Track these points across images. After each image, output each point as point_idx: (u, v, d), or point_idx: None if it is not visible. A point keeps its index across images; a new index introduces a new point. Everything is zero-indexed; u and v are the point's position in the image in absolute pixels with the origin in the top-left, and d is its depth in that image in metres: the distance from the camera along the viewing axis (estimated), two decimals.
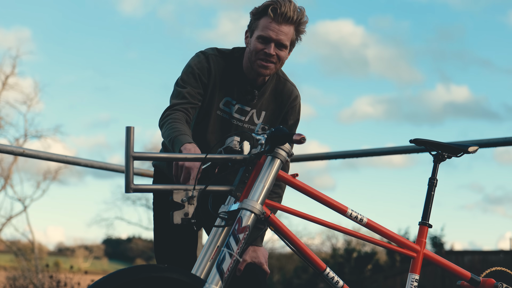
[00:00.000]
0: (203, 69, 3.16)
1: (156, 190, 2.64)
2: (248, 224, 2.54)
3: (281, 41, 3.07)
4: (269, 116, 3.26)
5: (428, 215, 3.06)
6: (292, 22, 3.07)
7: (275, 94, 3.26)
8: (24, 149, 4.59)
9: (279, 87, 3.27)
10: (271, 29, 3.05)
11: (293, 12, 3.04)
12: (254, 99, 3.20)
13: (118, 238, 46.25)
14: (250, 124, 3.23)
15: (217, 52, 3.22)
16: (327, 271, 2.81)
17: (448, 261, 3.04)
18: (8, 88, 24.85)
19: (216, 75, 3.18)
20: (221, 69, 3.19)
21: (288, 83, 3.30)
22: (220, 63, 3.20)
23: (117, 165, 5.23)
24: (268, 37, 3.06)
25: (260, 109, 3.24)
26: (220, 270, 2.47)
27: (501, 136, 4.57)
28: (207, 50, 3.22)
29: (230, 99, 3.20)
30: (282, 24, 3.05)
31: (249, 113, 3.23)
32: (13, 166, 25.28)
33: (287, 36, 3.08)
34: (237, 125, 3.22)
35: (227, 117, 3.21)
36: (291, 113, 3.30)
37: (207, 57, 3.19)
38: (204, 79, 3.16)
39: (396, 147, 5.05)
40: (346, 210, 2.84)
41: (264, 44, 3.08)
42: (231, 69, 3.20)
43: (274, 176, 2.64)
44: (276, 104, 3.27)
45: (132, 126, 2.49)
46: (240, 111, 3.22)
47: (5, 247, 29.21)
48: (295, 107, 3.31)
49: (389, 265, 26.05)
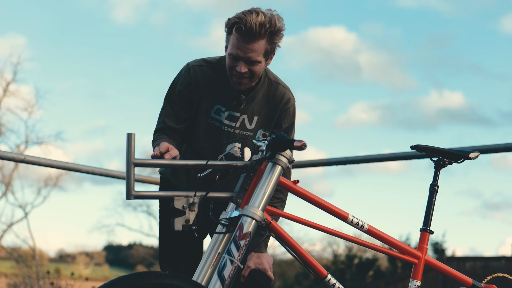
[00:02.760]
0: (185, 83, 3.19)
1: (157, 196, 2.64)
2: (249, 231, 2.54)
3: (250, 58, 3.02)
4: (262, 120, 3.24)
5: (429, 221, 3.05)
6: (260, 37, 2.99)
7: (267, 98, 3.24)
8: (25, 156, 4.59)
9: (271, 91, 3.24)
10: (238, 47, 3.01)
11: (260, 27, 2.95)
12: (241, 104, 3.18)
13: (119, 244, 46.22)
14: (242, 129, 3.22)
15: (203, 62, 3.22)
16: (328, 277, 2.81)
17: (450, 268, 3.04)
18: (9, 95, 24.88)
19: (200, 85, 3.18)
20: (207, 78, 3.19)
21: (280, 86, 3.26)
22: (206, 72, 3.20)
23: (118, 172, 5.23)
24: (237, 56, 3.03)
25: (251, 114, 3.22)
26: (221, 276, 2.47)
27: (501, 142, 4.56)
28: (191, 62, 3.24)
29: (220, 106, 3.20)
30: (249, 42, 2.99)
31: (239, 118, 3.21)
32: (14, 172, 25.29)
33: (256, 52, 3.01)
34: (228, 132, 3.21)
35: (218, 124, 3.21)
36: (285, 116, 3.27)
37: (189, 69, 3.20)
38: (186, 92, 3.18)
39: (397, 153, 5.05)
40: (347, 216, 2.84)
41: (234, 61, 3.05)
42: (218, 77, 3.19)
43: (275, 183, 2.64)
44: (268, 108, 3.24)
45: (133, 133, 2.49)
46: (229, 117, 3.21)
47: (6, 254, 29.19)
48: (288, 110, 3.27)
49: (391, 272, 26.02)
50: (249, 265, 3.10)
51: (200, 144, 3.23)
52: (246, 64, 3.04)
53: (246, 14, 2.97)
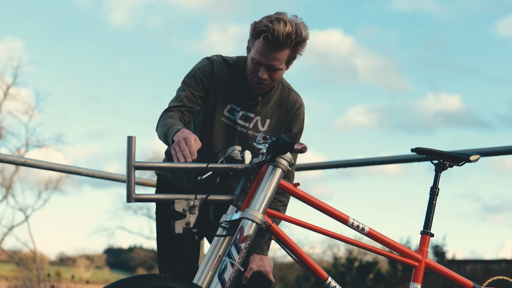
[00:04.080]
0: (205, 73, 3.19)
1: (157, 199, 2.64)
2: (250, 234, 2.54)
3: (273, 66, 3.05)
4: (274, 124, 3.27)
5: (430, 224, 3.05)
6: (286, 47, 3.01)
7: (280, 102, 3.27)
8: (25, 159, 4.59)
9: (284, 96, 3.28)
10: (263, 55, 3.03)
11: (286, 38, 2.97)
12: (258, 105, 3.21)
13: (119, 247, 46.24)
14: (255, 131, 3.24)
15: (222, 59, 3.25)
16: (328, 280, 2.81)
17: (450, 270, 3.04)
18: (10, 98, 24.90)
19: (219, 81, 3.20)
20: (225, 76, 3.21)
21: (292, 92, 3.31)
22: (224, 70, 3.22)
23: (118, 175, 5.23)
24: (260, 62, 3.05)
25: (265, 116, 3.25)
26: (222, 279, 2.47)
27: (501, 145, 4.56)
28: (212, 56, 3.25)
29: (235, 106, 3.22)
30: (274, 51, 3.01)
31: (254, 119, 3.24)
32: (14, 175, 25.29)
33: (280, 61, 3.04)
34: (241, 132, 3.23)
35: (231, 123, 3.23)
36: (296, 121, 3.31)
37: (211, 63, 3.22)
38: (206, 83, 3.19)
39: (397, 156, 5.05)
40: (347, 219, 2.84)
41: (257, 66, 3.08)
42: (235, 77, 3.21)
43: (275, 186, 2.64)
44: (281, 112, 3.28)
45: (133, 135, 2.49)
46: (244, 117, 3.23)
47: (7, 257, 29.19)
48: (299, 115, 3.32)
49: (391, 274, 26.02)
50: (252, 267, 3.11)
51: (212, 141, 3.24)
52: (268, 71, 3.07)
53: (273, 22, 2.97)
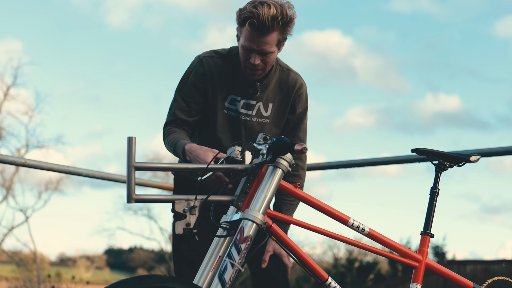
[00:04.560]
0: (197, 74, 3.21)
1: (157, 200, 2.64)
2: (250, 234, 2.54)
3: (264, 50, 3.05)
4: (277, 107, 3.28)
5: (430, 224, 3.05)
6: (273, 30, 3.01)
7: (280, 84, 3.27)
8: (25, 160, 4.59)
9: (283, 77, 3.28)
10: (251, 41, 3.03)
11: (272, 21, 2.96)
12: (257, 92, 3.21)
13: (119, 248, 46.22)
14: (258, 117, 3.25)
15: (214, 53, 3.25)
16: (329, 281, 2.81)
17: (450, 271, 3.03)
18: (10, 99, 24.90)
19: (214, 76, 3.21)
20: (219, 69, 3.22)
21: (292, 73, 3.31)
22: (218, 63, 3.23)
23: (118, 175, 5.23)
24: (250, 48, 3.06)
25: (266, 101, 3.25)
26: (222, 280, 2.47)
27: (501, 146, 4.56)
28: (202, 54, 3.27)
29: (235, 96, 3.23)
30: (262, 35, 3.01)
31: (255, 106, 3.24)
32: (14, 176, 25.30)
33: (270, 44, 3.04)
34: (245, 120, 3.24)
35: (234, 114, 3.24)
36: (299, 101, 3.31)
37: (201, 60, 3.23)
38: (200, 84, 3.21)
39: (397, 157, 5.05)
40: (347, 220, 2.84)
41: (248, 53, 3.08)
42: (230, 67, 3.23)
43: (275, 186, 2.64)
44: (283, 94, 3.28)
45: (134, 136, 2.49)
46: (246, 106, 3.24)
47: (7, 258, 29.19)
48: (301, 95, 3.31)
49: (391, 275, 26.01)
50: (268, 250, 3.20)
51: (217, 135, 3.25)
52: (260, 56, 3.07)
53: (257, 7, 2.97)
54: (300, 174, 3.36)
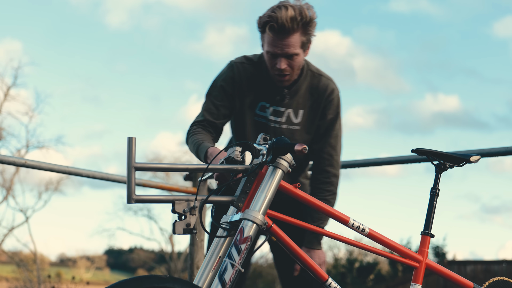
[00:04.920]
0: (227, 79, 3.23)
1: (157, 200, 2.64)
2: (250, 235, 2.54)
3: (288, 53, 3.04)
4: (308, 113, 3.24)
5: (430, 225, 3.05)
6: (294, 31, 3.01)
7: (311, 90, 3.24)
8: (26, 160, 4.58)
9: (314, 83, 3.25)
10: (274, 45, 3.03)
11: (291, 22, 2.97)
12: (285, 99, 3.20)
13: (120, 248, 46.25)
14: (288, 124, 3.24)
15: (245, 59, 3.26)
16: (329, 281, 2.80)
17: (451, 271, 3.03)
18: (10, 99, 24.91)
19: (243, 83, 3.22)
20: (249, 75, 3.22)
21: (323, 78, 3.27)
22: (248, 69, 3.23)
23: (118, 176, 5.23)
24: (274, 53, 3.05)
25: (297, 107, 3.23)
26: (222, 280, 2.47)
27: (501, 146, 4.56)
28: (234, 59, 3.29)
29: (264, 103, 3.22)
30: (284, 38, 3.00)
31: (285, 113, 3.23)
32: (15, 177, 25.31)
33: (293, 46, 3.03)
34: (275, 127, 3.23)
35: (264, 121, 3.24)
36: (329, 107, 3.26)
37: (231, 66, 3.25)
38: (229, 88, 3.22)
39: (397, 157, 5.05)
40: (348, 220, 2.84)
41: (273, 58, 3.08)
42: (260, 74, 3.22)
43: (275, 187, 2.63)
44: (313, 100, 3.24)
45: (134, 137, 2.49)
46: (275, 113, 3.23)
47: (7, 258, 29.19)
48: (332, 100, 3.26)
49: (391, 275, 26.02)
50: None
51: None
52: (286, 59, 3.06)
53: (275, 11, 2.98)
54: (332, 181, 3.31)
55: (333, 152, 3.27)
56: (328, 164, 3.27)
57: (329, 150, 3.23)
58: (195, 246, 5.49)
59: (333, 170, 3.30)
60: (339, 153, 3.31)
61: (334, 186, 3.30)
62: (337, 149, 3.28)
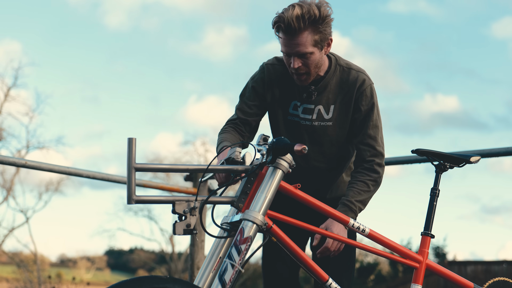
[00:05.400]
0: (258, 80, 3.26)
1: (157, 201, 2.64)
2: (250, 235, 2.54)
3: (299, 52, 3.01)
4: (339, 108, 3.20)
5: (431, 225, 3.05)
6: (301, 30, 2.97)
7: (341, 84, 3.20)
8: (26, 161, 4.59)
9: (344, 77, 3.21)
10: (286, 45, 3.02)
11: (297, 21, 2.93)
12: (312, 96, 3.19)
13: (120, 249, 46.21)
14: (320, 120, 3.21)
15: (276, 60, 3.27)
16: (329, 281, 2.81)
17: (451, 272, 3.03)
18: (10, 100, 24.91)
19: (273, 82, 3.24)
20: (279, 75, 3.23)
21: (353, 71, 3.22)
22: (278, 70, 3.24)
23: (119, 176, 5.23)
24: (287, 53, 3.05)
25: (327, 103, 3.20)
26: (222, 281, 2.47)
27: (502, 146, 4.56)
28: (266, 61, 3.31)
29: (296, 101, 3.23)
30: (292, 37, 2.99)
31: (315, 110, 3.21)
32: (15, 177, 25.30)
33: (304, 45, 3.00)
34: (306, 125, 3.22)
35: (296, 119, 3.24)
36: (362, 99, 3.18)
37: (262, 68, 3.28)
38: (260, 89, 3.26)
39: (398, 157, 5.05)
40: (348, 220, 2.84)
41: (288, 58, 3.08)
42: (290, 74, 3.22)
43: (275, 187, 2.64)
44: (343, 94, 3.20)
45: (134, 137, 2.49)
46: (305, 110, 3.22)
47: (8, 259, 29.19)
48: (364, 91, 3.18)
49: (392, 276, 26.02)
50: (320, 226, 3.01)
51: None
52: (299, 58, 3.04)
53: (284, 11, 2.98)
54: (375, 169, 3.16)
55: (374, 143, 3.16)
56: (370, 155, 3.16)
57: (369, 141, 3.15)
58: (195, 246, 5.50)
59: (376, 159, 3.16)
60: (381, 145, 3.19)
61: (376, 173, 3.16)
62: (378, 140, 3.18)
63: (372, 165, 3.15)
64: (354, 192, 3.09)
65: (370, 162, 3.15)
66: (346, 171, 3.36)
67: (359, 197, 3.09)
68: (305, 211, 3.04)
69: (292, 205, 3.09)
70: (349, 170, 3.37)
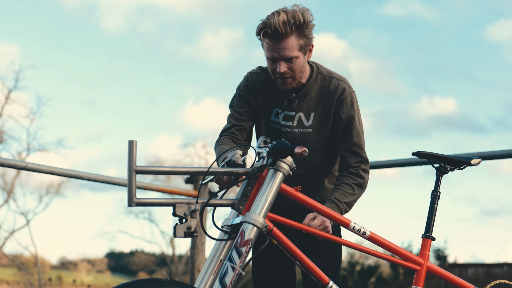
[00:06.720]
0: (244, 88, 3.34)
1: (158, 204, 2.64)
2: (251, 238, 2.54)
3: (286, 56, 3.07)
4: (319, 116, 3.24)
5: (431, 228, 3.05)
6: (288, 35, 3.03)
7: (322, 93, 3.25)
8: (27, 163, 4.59)
9: (325, 85, 3.26)
10: (272, 50, 3.07)
11: (284, 26, 3.00)
12: (293, 103, 3.23)
13: (120, 251, 46.22)
14: (300, 127, 3.25)
15: (259, 69, 3.34)
16: (330, 284, 2.80)
17: (452, 274, 3.03)
18: (11, 102, 24.93)
19: (256, 90, 3.30)
20: (262, 84, 3.30)
21: (334, 79, 3.27)
22: (262, 78, 3.31)
23: (119, 179, 5.23)
24: (273, 58, 3.09)
25: (307, 111, 3.25)
26: (223, 283, 2.47)
27: (503, 149, 4.56)
28: (250, 70, 3.37)
29: (278, 109, 3.28)
30: (279, 42, 3.04)
31: (295, 117, 3.25)
32: (15, 180, 25.30)
33: (290, 49, 3.06)
34: (287, 132, 3.26)
35: (278, 126, 3.28)
36: (343, 107, 3.22)
37: (246, 77, 3.35)
38: (245, 95, 3.33)
39: (398, 160, 5.05)
40: (349, 223, 2.84)
41: (273, 63, 3.12)
42: (273, 82, 3.27)
43: (276, 190, 2.64)
44: (324, 102, 3.24)
45: (135, 140, 2.49)
46: (286, 117, 3.26)
47: (8, 261, 29.19)
48: (345, 99, 3.23)
49: (393, 278, 26.00)
50: (308, 214, 2.98)
51: None
52: (285, 62, 3.09)
53: (269, 17, 3.04)
54: (360, 174, 3.19)
55: (359, 151, 3.22)
56: (356, 162, 3.20)
57: (354, 149, 3.20)
58: (196, 249, 5.50)
59: (362, 165, 3.21)
60: (365, 151, 3.25)
61: (362, 178, 3.20)
62: (362, 147, 3.24)
63: (358, 170, 3.20)
64: (340, 194, 3.13)
65: (356, 167, 3.21)
66: (328, 178, 3.39)
67: (345, 198, 3.13)
68: (304, 214, 3.04)
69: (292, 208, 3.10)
70: (331, 177, 3.39)
